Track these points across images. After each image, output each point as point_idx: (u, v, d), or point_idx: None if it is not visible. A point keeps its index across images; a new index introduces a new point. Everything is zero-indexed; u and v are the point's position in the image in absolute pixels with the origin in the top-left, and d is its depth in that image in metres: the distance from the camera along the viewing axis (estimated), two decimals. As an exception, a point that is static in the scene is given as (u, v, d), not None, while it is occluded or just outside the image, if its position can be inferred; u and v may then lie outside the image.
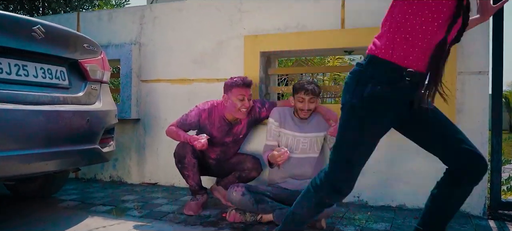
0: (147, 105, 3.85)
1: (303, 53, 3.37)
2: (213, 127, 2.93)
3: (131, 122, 3.91)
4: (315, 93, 2.80)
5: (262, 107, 3.08)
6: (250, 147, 3.44)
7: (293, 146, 2.84)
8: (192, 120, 2.91)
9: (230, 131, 2.98)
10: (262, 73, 3.40)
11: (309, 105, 2.79)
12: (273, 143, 2.87)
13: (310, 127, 2.88)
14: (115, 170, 4.00)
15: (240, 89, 2.83)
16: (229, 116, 2.92)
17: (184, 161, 2.83)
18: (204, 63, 3.63)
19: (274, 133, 2.87)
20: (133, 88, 3.81)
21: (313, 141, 2.86)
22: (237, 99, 2.83)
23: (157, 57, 3.80)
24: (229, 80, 2.87)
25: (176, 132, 2.88)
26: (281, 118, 2.88)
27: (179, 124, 2.92)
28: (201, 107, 2.94)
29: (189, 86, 3.68)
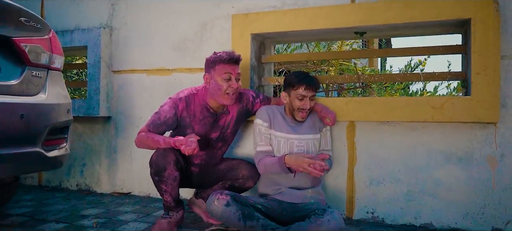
0: (120, 101, 3.25)
1: (304, 36, 2.76)
2: (194, 120, 2.33)
3: (100, 120, 3.31)
4: (316, 88, 2.21)
5: (256, 98, 2.48)
6: (243, 151, 2.83)
7: (286, 150, 2.24)
8: (166, 116, 2.29)
9: (215, 123, 2.38)
10: (254, 61, 2.80)
11: (309, 104, 2.19)
12: (267, 148, 2.28)
13: (306, 128, 2.29)
14: (83, 177, 3.40)
15: (226, 66, 2.23)
16: (213, 103, 2.33)
17: (163, 174, 2.22)
18: (186, 50, 3.03)
19: (265, 135, 2.27)
20: (103, 80, 3.22)
21: (309, 144, 2.27)
22: (222, 79, 2.23)
23: (131, 44, 3.21)
24: (211, 55, 2.29)
25: (150, 138, 2.26)
26: (271, 118, 2.29)
27: (151, 126, 2.31)
28: (176, 97, 2.33)
29: (168, 78, 3.08)
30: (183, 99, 2.31)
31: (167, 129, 2.34)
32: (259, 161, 2.28)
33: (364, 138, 2.53)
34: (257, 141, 2.30)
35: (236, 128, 2.48)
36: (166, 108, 2.30)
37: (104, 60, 3.22)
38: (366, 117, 2.43)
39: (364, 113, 2.43)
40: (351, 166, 2.56)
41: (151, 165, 2.25)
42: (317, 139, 2.33)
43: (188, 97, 2.33)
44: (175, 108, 2.30)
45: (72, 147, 3.41)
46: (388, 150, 2.47)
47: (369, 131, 2.52)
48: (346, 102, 2.46)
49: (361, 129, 2.54)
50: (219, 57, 2.24)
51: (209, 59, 2.28)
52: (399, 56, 2.54)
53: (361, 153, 2.54)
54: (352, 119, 2.49)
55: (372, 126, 2.51)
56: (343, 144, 2.57)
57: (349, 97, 2.47)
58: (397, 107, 2.35)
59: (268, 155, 2.27)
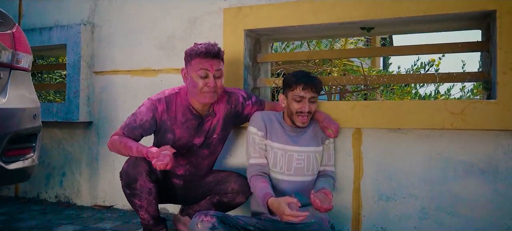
0: (102, 104, 2.96)
1: (304, 32, 2.47)
2: (176, 123, 2.04)
3: (81, 126, 3.02)
4: (317, 89, 1.93)
5: (248, 99, 2.18)
6: (235, 160, 2.54)
7: (284, 164, 1.96)
8: (143, 119, 2.00)
9: (200, 127, 2.09)
10: (248, 60, 2.51)
11: (309, 106, 1.90)
12: (260, 161, 2.00)
13: (307, 138, 2.01)
14: (62, 188, 3.11)
15: (202, 61, 1.95)
16: (196, 103, 2.04)
17: (134, 186, 1.94)
18: (173, 49, 2.74)
19: (259, 146, 1.98)
20: (83, 82, 2.93)
21: (311, 158, 1.99)
22: (197, 76, 1.95)
23: (114, 42, 2.92)
24: (190, 48, 2.02)
25: (123, 143, 1.97)
26: (267, 125, 2.00)
27: (126, 129, 2.02)
28: (155, 97, 2.04)
29: (154, 79, 2.80)
30: (163, 100, 2.02)
31: (144, 133, 2.04)
32: (250, 177, 1.99)
33: (372, 147, 2.24)
34: (250, 152, 2.02)
35: (224, 133, 2.18)
36: (143, 110, 2.01)
37: (84, 60, 2.93)
38: (374, 123, 2.14)
39: (372, 119, 2.14)
40: (357, 179, 2.27)
41: (121, 176, 1.97)
42: (319, 151, 2.05)
43: (169, 97, 2.04)
44: (154, 111, 2.00)
45: (51, 155, 3.12)
46: (399, 161, 2.18)
47: (378, 139, 2.22)
48: (352, 107, 2.17)
49: (369, 137, 2.24)
50: (195, 50, 1.96)
51: (187, 52, 2.01)
52: (412, 54, 2.25)
53: (369, 164, 2.24)
54: (359, 126, 2.19)
55: (381, 134, 2.22)
56: (348, 154, 2.28)
57: (354, 101, 2.19)
58: (410, 112, 2.06)
59: (260, 174, 1.98)
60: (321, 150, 2.07)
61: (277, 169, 2.00)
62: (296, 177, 2.00)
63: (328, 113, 2.13)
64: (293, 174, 2.00)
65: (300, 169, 2.01)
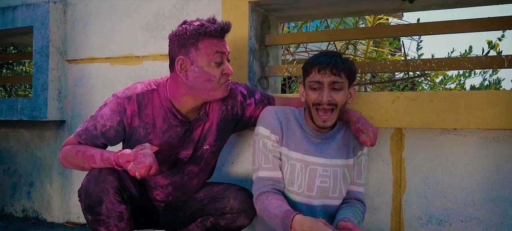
0: (76, 99, 2.44)
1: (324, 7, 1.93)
2: (154, 131, 1.50)
3: (51, 125, 2.50)
4: (342, 71, 1.39)
5: (249, 97, 1.65)
6: (236, 169, 2.01)
7: (304, 182, 1.44)
8: (107, 125, 1.46)
9: (187, 136, 1.55)
10: (254, 42, 1.98)
11: (330, 95, 1.39)
12: (274, 173, 1.48)
13: (334, 147, 1.49)
14: (30, 201, 2.59)
15: (214, 42, 1.43)
16: (186, 103, 1.49)
17: (99, 209, 1.40)
18: (161, 30, 2.21)
19: (273, 153, 1.46)
20: (53, 72, 2.41)
21: (338, 174, 1.47)
22: (213, 64, 1.42)
23: (90, 23, 2.40)
24: (183, 26, 1.44)
25: (81, 152, 1.45)
26: (283, 127, 1.48)
27: (83, 137, 1.49)
28: (123, 94, 1.48)
29: (138, 68, 2.27)
30: (134, 100, 1.46)
31: (108, 143, 1.52)
32: (259, 195, 1.46)
33: (418, 153, 1.69)
34: (258, 161, 1.49)
35: (218, 144, 1.64)
36: (106, 113, 1.46)
37: (54, 45, 2.41)
38: (423, 122, 1.60)
39: (420, 116, 1.59)
40: (397, 195, 1.73)
41: (79, 195, 1.45)
42: (350, 166, 1.51)
43: (142, 96, 1.48)
44: (121, 114, 1.45)
45: (17, 160, 2.61)
46: (455, 172, 1.64)
47: (425, 142, 1.68)
48: (392, 100, 1.63)
49: (413, 140, 1.70)
50: (203, 28, 1.40)
51: (182, 33, 1.41)
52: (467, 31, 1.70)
53: (413, 175, 1.70)
54: (400, 125, 1.65)
55: (429, 135, 1.68)
56: (385, 162, 1.74)
57: (397, 92, 1.64)
58: (474, 107, 1.52)
59: (274, 191, 1.45)
60: (352, 164, 1.53)
61: (294, 188, 1.47)
62: (318, 199, 1.47)
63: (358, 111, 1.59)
64: (316, 196, 1.47)
65: (325, 190, 1.48)
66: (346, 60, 1.44)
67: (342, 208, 1.52)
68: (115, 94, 1.49)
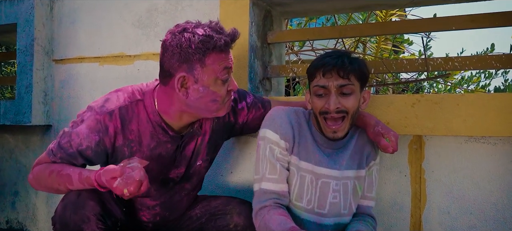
0: (63, 102, 2.26)
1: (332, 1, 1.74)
2: (140, 150, 1.30)
3: (37, 130, 2.32)
4: (352, 74, 1.21)
5: (240, 102, 1.47)
6: (235, 178, 1.82)
7: (314, 197, 1.26)
8: (83, 144, 1.25)
9: (178, 153, 1.36)
10: (255, 40, 1.79)
11: (339, 101, 1.20)
12: (279, 186, 1.29)
13: (347, 157, 1.32)
14: (15, 212, 2.41)
15: (222, 57, 1.21)
16: (182, 119, 1.30)
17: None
18: (154, 27, 2.03)
19: (281, 162, 1.27)
20: (38, 73, 2.23)
21: (348, 187, 1.30)
22: (219, 82, 1.22)
23: (79, 20, 2.22)
24: (189, 37, 1.17)
25: (56, 172, 1.25)
26: (295, 133, 1.29)
27: (59, 155, 1.28)
28: (102, 109, 1.26)
29: (129, 68, 2.09)
30: (116, 115, 1.25)
31: (86, 163, 1.31)
32: (260, 209, 1.27)
33: (440, 163, 1.50)
34: (262, 170, 1.29)
35: (212, 156, 1.46)
36: (82, 131, 1.25)
37: (40, 43, 2.23)
38: (448, 128, 1.41)
39: (444, 122, 1.40)
40: (416, 210, 1.53)
41: (54, 225, 1.25)
42: (361, 178, 1.33)
43: (126, 109, 1.27)
44: (101, 133, 1.24)
45: (1, 168, 2.43)
46: (483, 185, 1.44)
47: (449, 151, 1.49)
48: (412, 103, 1.44)
49: (434, 149, 1.51)
50: (212, 41, 1.17)
51: (186, 46, 1.16)
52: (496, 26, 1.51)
53: (435, 188, 1.51)
54: (420, 132, 1.46)
55: (453, 143, 1.48)
56: (403, 173, 1.55)
57: (417, 94, 1.45)
58: (507, 111, 1.33)
59: (277, 205, 1.26)
60: (363, 175, 1.34)
61: (303, 203, 1.28)
62: (331, 217, 1.28)
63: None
64: (328, 214, 1.28)
65: (336, 206, 1.29)
66: (356, 60, 1.25)
67: (353, 221, 1.34)
68: (92, 107, 1.27)
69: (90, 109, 1.28)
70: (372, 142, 1.35)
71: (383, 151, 1.30)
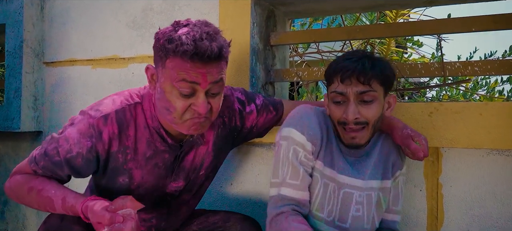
0: (54, 108, 2.14)
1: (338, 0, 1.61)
2: (135, 158, 1.17)
3: (27, 137, 2.20)
4: (374, 79, 1.08)
5: (248, 104, 1.34)
6: (235, 190, 1.70)
7: (335, 208, 1.14)
8: (74, 151, 1.11)
9: (177, 164, 1.23)
10: (257, 42, 1.67)
11: (359, 111, 1.08)
12: (300, 194, 1.15)
13: (371, 165, 1.19)
14: (4, 222, 2.29)
15: (184, 66, 1.02)
16: (173, 124, 1.14)
17: None
18: (150, 27, 1.91)
19: (304, 167, 1.15)
20: (27, 77, 2.11)
21: (372, 199, 1.19)
22: (176, 92, 1.05)
23: (71, 21, 2.10)
24: (163, 32, 1.06)
25: (36, 189, 1.12)
26: (323, 136, 1.16)
27: (41, 164, 1.14)
28: (96, 113, 1.13)
29: (123, 71, 1.97)
30: (113, 119, 1.12)
31: (73, 174, 1.17)
32: (276, 215, 1.14)
33: (459, 177, 1.37)
34: (283, 173, 1.15)
35: (215, 164, 1.33)
36: (72, 136, 1.11)
37: (29, 45, 2.11)
38: (469, 140, 1.28)
39: (466, 133, 1.28)
40: (433, 229, 1.40)
41: None
42: (386, 189, 1.20)
43: (123, 112, 1.13)
44: (94, 138, 1.11)
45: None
46: (508, 203, 1.31)
47: (468, 165, 1.36)
48: (430, 112, 1.31)
49: (452, 161, 1.38)
50: (173, 44, 1.01)
51: (156, 39, 1.07)
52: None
53: (453, 205, 1.38)
54: (439, 144, 1.33)
55: (473, 156, 1.35)
56: (418, 188, 1.42)
57: (435, 102, 1.32)
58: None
59: (295, 212, 1.14)
60: (389, 187, 1.21)
61: (324, 214, 1.16)
62: None
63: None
64: (350, 228, 1.15)
65: (359, 220, 1.16)
66: (379, 62, 1.11)
67: None
68: (85, 111, 1.14)
69: (82, 113, 1.15)
70: (398, 148, 1.22)
71: (413, 157, 1.16)
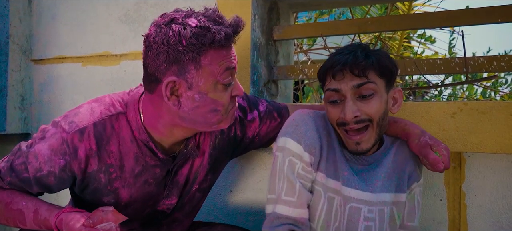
0: (43, 107, 2.00)
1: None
2: (122, 177, 1.03)
3: (14, 139, 2.07)
4: (370, 69, 0.95)
5: (251, 111, 1.18)
6: (235, 199, 1.56)
7: (342, 225, 1.00)
8: (44, 170, 0.97)
9: (170, 178, 1.08)
10: (259, 36, 1.53)
11: (357, 108, 0.95)
12: (298, 211, 1.02)
13: (382, 177, 1.03)
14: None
15: (223, 53, 0.92)
16: (173, 135, 1.01)
17: None
18: (143, 21, 1.77)
19: (302, 180, 1.01)
20: (13, 75, 1.97)
21: (385, 214, 1.04)
22: (221, 86, 0.93)
23: (60, 15, 1.96)
24: (178, 30, 0.87)
25: (4, 204, 1.00)
26: (323, 144, 1.02)
27: (6, 179, 1.01)
28: (70, 126, 0.97)
29: (115, 69, 1.83)
30: (90, 134, 0.98)
31: (45, 191, 1.04)
32: None
33: (484, 185, 1.23)
34: (278, 189, 1.02)
35: (209, 177, 1.18)
36: (43, 152, 0.97)
37: (16, 41, 1.97)
38: (498, 144, 1.14)
39: (494, 136, 1.13)
40: (455, 242, 1.26)
41: None
42: (400, 203, 1.06)
43: (103, 125, 0.99)
44: (67, 157, 0.97)
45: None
46: (540, 214, 1.17)
47: (495, 171, 1.22)
48: (453, 112, 1.17)
49: (477, 168, 1.24)
50: (209, 34, 0.88)
51: (175, 42, 0.88)
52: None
53: (478, 215, 1.24)
54: (463, 148, 1.19)
55: (500, 162, 1.21)
56: (438, 197, 1.28)
57: (457, 102, 1.18)
58: None
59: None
60: (404, 201, 1.07)
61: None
62: None
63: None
64: None
65: None
66: (374, 52, 0.98)
67: None
68: (58, 122, 0.99)
69: (55, 125, 1.00)
70: (414, 157, 1.07)
71: (431, 168, 1.01)
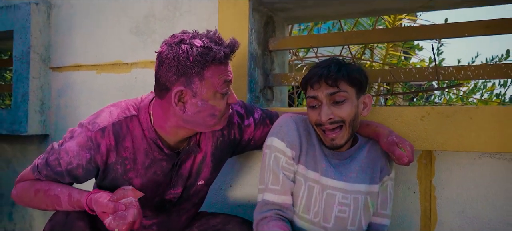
0: (60, 112, 2.20)
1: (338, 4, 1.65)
2: (135, 168, 1.23)
3: (34, 140, 2.27)
4: (341, 80, 1.16)
5: (247, 117, 1.39)
6: (235, 193, 1.74)
7: (320, 209, 1.19)
8: (74, 163, 1.17)
9: (174, 172, 1.28)
10: (256, 47, 1.71)
11: (332, 111, 1.16)
12: (283, 198, 1.23)
13: (357, 169, 1.25)
14: (12, 222, 2.36)
15: (222, 69, 1.14)
16: (177, 135, 1.22)
17: None
18: (151, 33, 1.96)
19: (285, 172, 1.23)
20: (34, 82, 2.17)
21: (359, 202, 1.24)
22: (218, 95, 1.15)
23: (76, 27, 2.16)
24: (186, 49, 1.09)
25: (42, 191, 1.20)
26: (302, 140, 1.24)
27: (44, 173, 1.21)
28: (94, 126, 1.18)
29: (126, 76, 2.02)
30: (109, 132, 1.18)
31: (74, 181, 1.24)
32: (260, 220, 1.22)
33: (451, 179, 1.40)
34: (266, 180, 1.23)
35: (214, 175, 1.38)
36: (72, 148, 1.17)
37: (36, 51, 2.17)
38: (460, 144, 1.31)
39: (456, 136, 1.30)
40: (426, 230, 1.43)
41: None
42: (374, 194, 1.24)
43: (120, 125, 1.19)
44: (92, 151, 1.17)
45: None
46: (499, 205, 1.34)
47: (461, 167, 1.39)
48: (422, 116, 1.34)
49: (445, 164, 1.41)
50: (211, 53, 1.09)
51: (184, 59, 1.08)
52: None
53: (446, 206, 1.41)
54: (430, 147, 1.36)
55: (466, 159, 1.38)
56: (411, 190, 1.45)
57: (426, 106, 1.35)
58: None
59: (277, 217, 1.20)
60: (376, 191, 1.25)
61: (310, 215, 1.22)
62: None
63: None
64: (332, 228, 1.20)
65: (342, 220, 1.21)
66: (345, 66, 1.19)
67: None
68: (83, 124, 1.21)
69: (81, 126, 1.22)
70: (386, 154, 1.27)
71: (398, 162, 1.20)
